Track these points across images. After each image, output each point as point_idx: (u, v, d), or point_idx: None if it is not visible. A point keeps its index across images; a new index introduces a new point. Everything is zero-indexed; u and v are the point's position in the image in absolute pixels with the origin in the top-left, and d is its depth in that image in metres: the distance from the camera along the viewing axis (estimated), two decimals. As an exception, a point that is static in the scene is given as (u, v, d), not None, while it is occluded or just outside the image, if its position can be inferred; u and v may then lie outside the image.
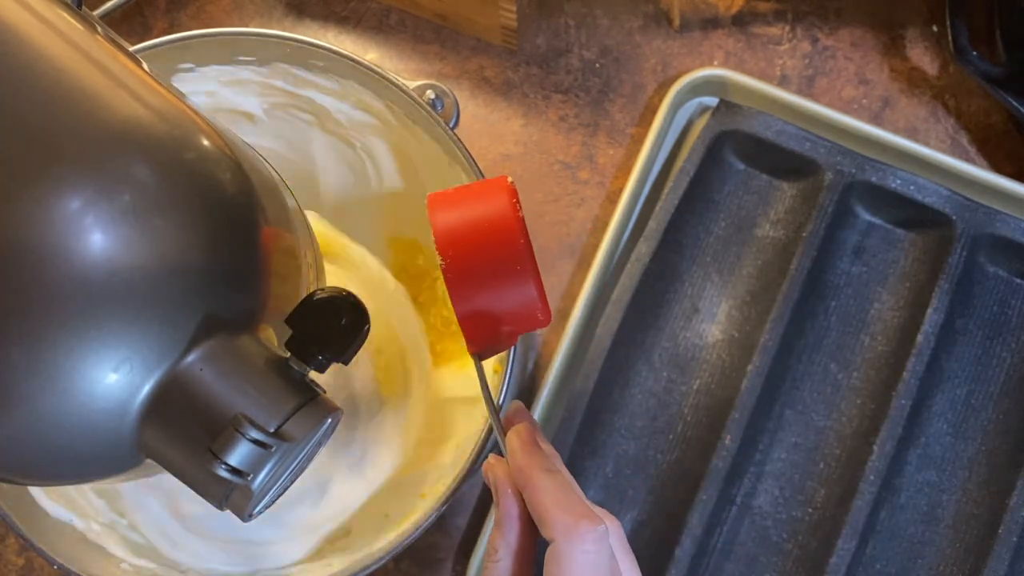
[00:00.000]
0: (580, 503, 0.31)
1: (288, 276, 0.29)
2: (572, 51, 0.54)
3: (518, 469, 0.33)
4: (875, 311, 0.50)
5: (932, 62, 0.54)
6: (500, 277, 0.33)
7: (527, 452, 0.33)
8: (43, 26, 0.25)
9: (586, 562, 0.30)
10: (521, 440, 0.33)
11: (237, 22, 0.56)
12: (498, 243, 0.33)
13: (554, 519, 0.31)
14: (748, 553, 0.47)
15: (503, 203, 0.33)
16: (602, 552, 0.31)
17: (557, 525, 0.31)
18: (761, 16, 0.54)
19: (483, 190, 0.34)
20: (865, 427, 0.48)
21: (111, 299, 0.23)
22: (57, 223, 0.23)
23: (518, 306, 0.33)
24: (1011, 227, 0.48)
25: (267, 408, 0.26)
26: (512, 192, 0.33)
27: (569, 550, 0.30)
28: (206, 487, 0.26)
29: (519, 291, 0.33)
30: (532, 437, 0.34)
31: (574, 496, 0.32)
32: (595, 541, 0.30)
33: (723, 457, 0.46)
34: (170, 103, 0.26)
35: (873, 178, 0.49)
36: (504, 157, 0.53)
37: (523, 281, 0.33)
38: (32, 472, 0.26)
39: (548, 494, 0.31)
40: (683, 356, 0.50)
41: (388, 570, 0.49)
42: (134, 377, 0.24)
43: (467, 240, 0.33)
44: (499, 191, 0.34)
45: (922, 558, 0.47)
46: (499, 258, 0.33)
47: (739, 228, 0.51)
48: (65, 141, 0.23)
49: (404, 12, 0.55)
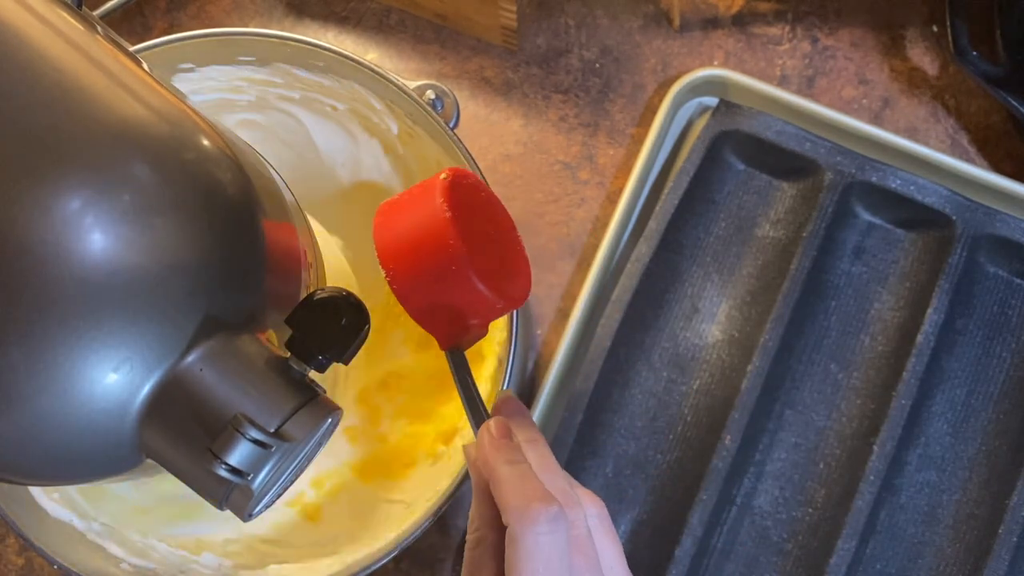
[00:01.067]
0: (536, 488, 0.32)
1: (288, 276, 0.29)
2: (572, 51, 0.54)
3: (483, 462, 0.34)
4: (875, 311, 0.50)
5: (932, 62, 0.54)
6: (441, 281, 0.33)
7: (493, 447, 0.34)
8: (43, 26, 0.25)
9: (539, 543, 0.31)
10: (490, 435, 0.34)
11: (237, 22, 0.56)
12: (432, 248, 0.33)
13: (508, 505, 0.32)
14: (748, 553, 0.47)
15: (433, 206, 0.33)
16: (555, 532, 0.31)
17: (510, 510, 0.32)
18: (761, 16, 0.54)
19: (420, 194, 0.34)
20: (865, 427, 0.48)
21: (111, 299, 0.23)
22: (57, 223, 0.23)
23: (471, 302, 0.34)
24: (1011, 227, 0.48)
25: (267, 408, 0.26)
26: (445, 190, 0.33)
27: (522, 532, 0.31)
28: (206, 487, 0.26)
29: (464, 290, 0.33)
30: (502, 432, 0.35)
31: (531, 482, 0.32)
32: (548, 522, 0.31)
33: (723, 457, 0.46)
34: (170, 103, 0.26)
35: (873, 178, 0.49)
36: (504, 157, 0.53)
37: (463, 281, 0.33)
38: (32, 472, 0.26)
39: (506, 484, 0.32)
40: (683, 356, 0.50)
41: (388, 570, 0.49)
42: (134, 377, 0.24)
43: (404, 251, 0.33)
44: (430, 193, 0.34)
45: (922, 558, 0.47)
46: (436, 263, 0.33)
47: (739, 228, 0.51)
48: (65, 141, 0.23)
49: (404, 12, 0.55)
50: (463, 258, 0.32)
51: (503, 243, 0.37)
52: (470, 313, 0.34)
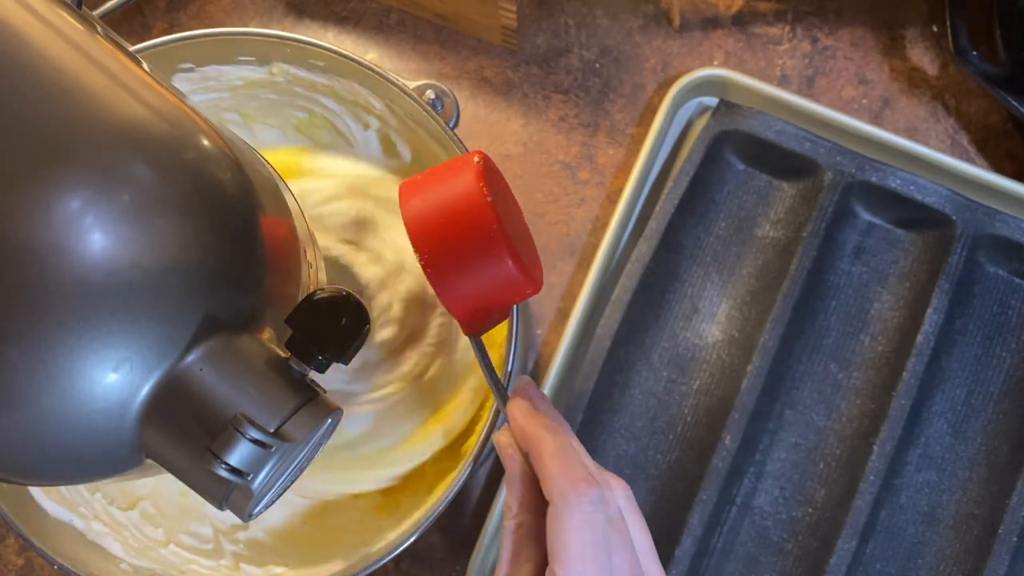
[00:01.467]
0: (580, 466, 0.33)
1: (288, 276, 0.29)
2: (572, 51, 0.54)
3: (521, 432, 0.34)
4: (875, 311, 0.50)
5: (932, 62, 0.54)
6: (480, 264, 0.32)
7: (528, 415, 0.34)
8: (43, 26, 0.25)
9: (581, 523, 0.31)
10: (520, 407, 0.35)
11: (237, 22, 0.56)
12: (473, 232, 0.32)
13: (554, 480, 0.32)
14: (748, 553, 0.47)
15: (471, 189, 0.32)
16: (597, 514, 0.32)
17: (556, 487, 0.32)
18: (761, 16, 0.54)
19: (451, 176, 0.33)
20: (865, 427, 0.48)
21: (111, 299, 0.23)
22: (57, 223, 0.23)
23: (503, 286, 0.33)
24: (1011, 227, 0.48)
25: (267, 408, 0.26)
26: (480, 173, 0.33)
27: (567, 512, 0.31)
28: (206, 487, 0.26)
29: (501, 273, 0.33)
30: (531, 404, 0.35)
31: (574, 458, 0.33)
32: (591, 503, 0.32)
33: (723, 457, 0.46)
34: (170, 103, 0.26)
35: (873, 178, 0.49)
36: (504, 157, 0.53)
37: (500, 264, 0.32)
38: (32, 472, 0.26)
39: (550, 454, 0.33)
40: (683, 356, 0.50)
41: (388, 570, 0.49)
42: (134, 377, 0.24)
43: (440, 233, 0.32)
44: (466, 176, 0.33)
45: (922, 558, 0.47)
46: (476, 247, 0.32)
47: (739, 228, 0.51)
48: (65, 141, 0.23)
49: (404, 12, 0.55)
50: (504, 242, 0.32)
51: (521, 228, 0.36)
52: (500, 297, 0.34)
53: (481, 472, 0.50)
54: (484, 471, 0.50)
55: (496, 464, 0.50)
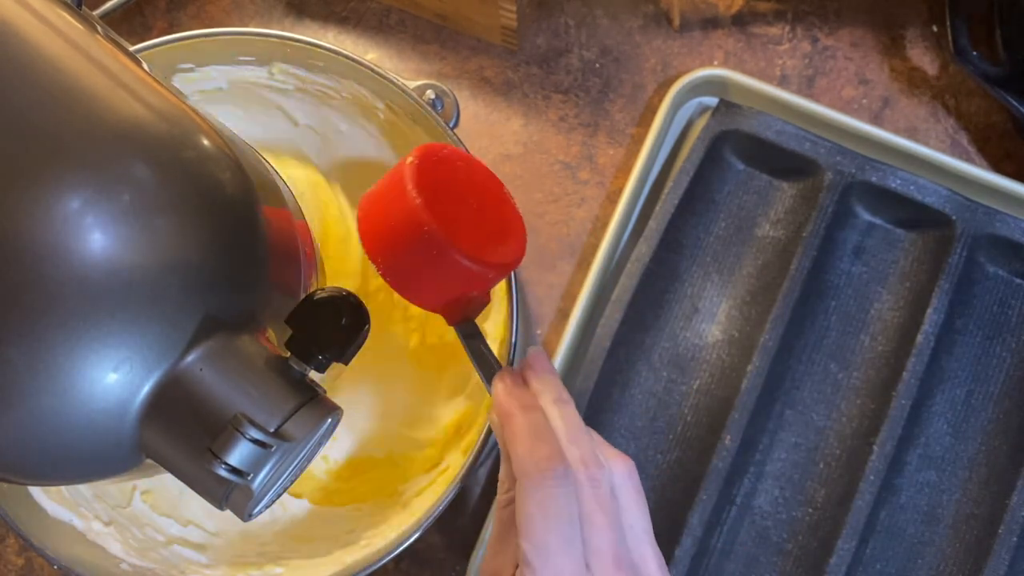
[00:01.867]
0: (549, 443, 0.32)
1: (288, 276, 0.29)
2: (572, 51, 0.54)
3: (499, 412, 0.34)
4: (875, 311, 0.50)
5: (932, 62, 0.54)
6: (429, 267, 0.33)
7: (506, 394, 0.34)
8: (43, 26, 0.25)
9: (545, 498, 0.31)
10: (503, 384, 0.35)
11: (237, 22, 0.56)
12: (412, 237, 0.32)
13: (518, 457, 0.32)
14: (748, 553, 0.47)
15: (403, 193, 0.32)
16: (560, 489, 0.31)
17: (519, 463, 0.32)
18: (761, 16, 0.54)
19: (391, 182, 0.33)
20: (865, 427, 0.48)
21: (111, 299, 0.23)
22: (57, 223, 0.23)
23: (463, 280, 0.33)
24: (1011, 227, 0.48)
25: (267, 408, 0.26)
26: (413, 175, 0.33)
27: (530, 486, 0.31)
28: (206, 487, 0.26)
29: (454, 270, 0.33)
30: (516, 381, 0.35)
31: (544, 435, 0.32)
32: (556, 478, 0.31)
33: (723, 457, 0.46)
34: (170, 103, 0.26)
35: (873, 178, 0.49)
36: (504, 157, 0.53)
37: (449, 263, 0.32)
38: (32, 472, 0.26)
39: (517, 433, 0.32)
40: (683, 356, 0.50)
41: (388, 570, 0.49)
42: (134, 377, 0.24)
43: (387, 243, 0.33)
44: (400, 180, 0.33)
45: (922, 558, 0.47)
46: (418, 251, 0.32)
47: (739, 228, 0.51)
48: (65, 141, 0.23)
49: (404, 12, 0.55)
50: (443, 242, 0.32)
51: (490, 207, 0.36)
52: (465, 289, 0.34)
53: (481, 472, 0.50)
54: (484, 471, 0.50)
55: (496, 464, 0.50)
